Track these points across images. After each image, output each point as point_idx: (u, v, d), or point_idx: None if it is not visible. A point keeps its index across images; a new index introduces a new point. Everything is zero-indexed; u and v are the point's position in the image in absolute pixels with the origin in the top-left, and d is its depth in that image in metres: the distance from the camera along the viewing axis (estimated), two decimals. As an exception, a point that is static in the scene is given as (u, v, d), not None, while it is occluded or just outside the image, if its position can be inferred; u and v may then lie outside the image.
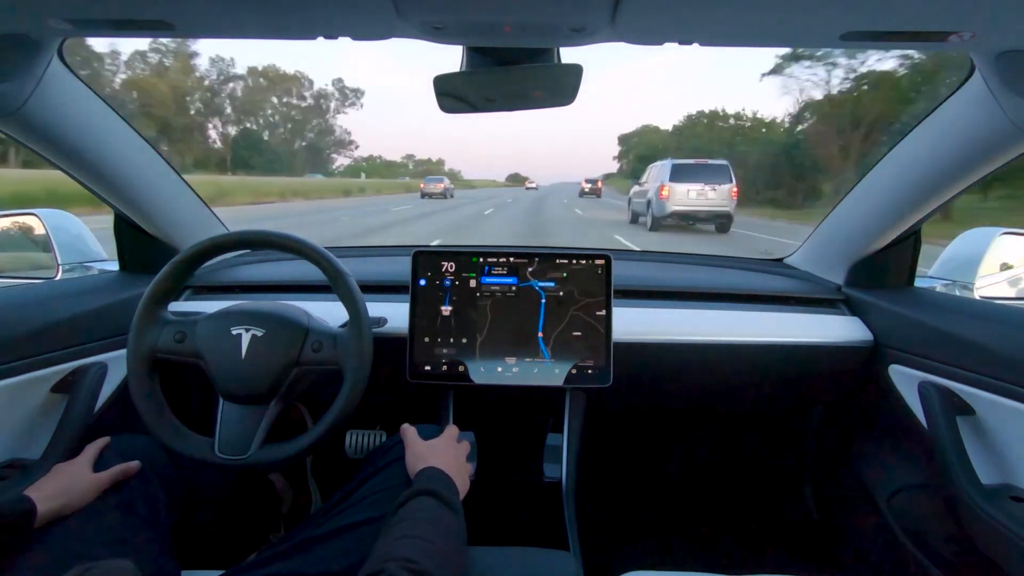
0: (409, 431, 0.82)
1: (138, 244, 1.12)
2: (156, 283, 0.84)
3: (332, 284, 0.85)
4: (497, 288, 1.02)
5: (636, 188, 13.22)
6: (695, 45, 0.64)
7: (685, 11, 0.56)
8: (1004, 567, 0.77)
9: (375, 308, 0.96)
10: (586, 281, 1.01)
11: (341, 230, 10.79)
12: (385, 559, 0.54)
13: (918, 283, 1.12)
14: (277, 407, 0.83)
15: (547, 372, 1.00)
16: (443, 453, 0.78)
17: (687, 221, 10.89)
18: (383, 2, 0.54)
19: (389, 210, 17.30)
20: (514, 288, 1.02)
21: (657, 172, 11.30)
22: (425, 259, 1.02)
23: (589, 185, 31.34)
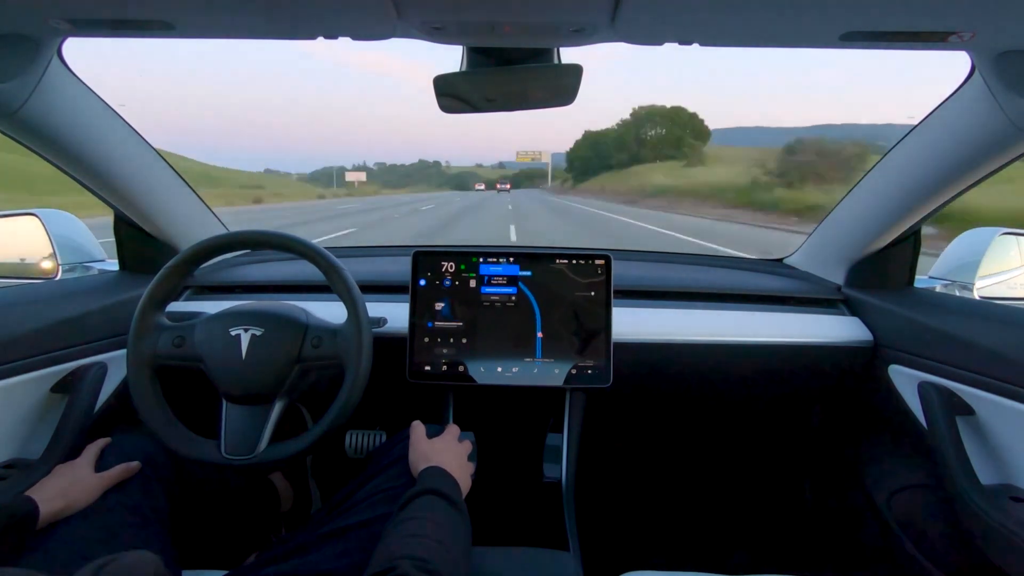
0: (418, 428, 0.83)
1: (138, 244, 1.12)
2: (152, 289, 0.84)
3: (328, 279, 0.85)
4: (496, 288, 1.02)
5: None
6: (695, 45, 0.64)
7: (685, 11, 0.56)
8: (1004, 567, 0.77)
9: (375, 308, 0.96)
10: (586, 281, 1.01)
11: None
12: (396, 557, 0.54)
13: (918, 283, 1.12)
14: (281, 405, 0.83)
15: (547, 372, 1.00)
16: (445, 453, 0.78)
17: None
18: (383, 2, 0.54)
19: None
20: (513, 289, 1.02)
21: None
22: (425, 259, 1.02)
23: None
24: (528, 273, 1.02)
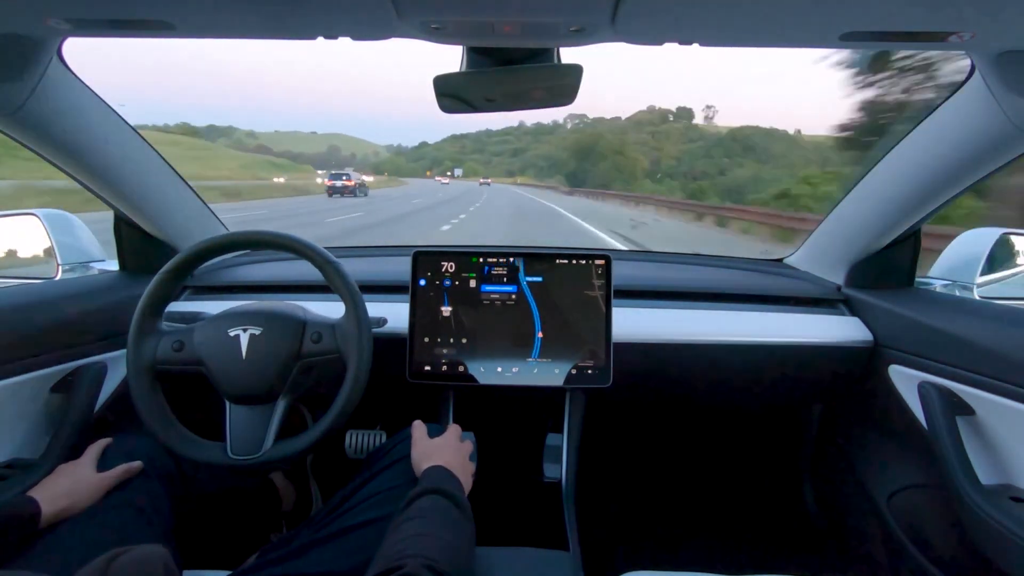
0: (419, 427, 0.83)
1: (138, 244, 1.12)
2: (148, 293, 0.84)
3: (324, 276, 0.85)
4: (496, 288, 1.02)
5: None
6: (695, 45, 0.64)
7: (685, 11, 0.56)
8: (1004, 567, 0.77)
9: (375, 308, 0.96)
10: (586, 281, 1.01)
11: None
12: (403, 555, 0.54)
13: (918, 283, 1.12)
14: (284, 403, 0.84)
15: (547, 372, 1.00)
16: (448, 452, 0.78)
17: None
18: (383, 2, 0.54)
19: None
20: (514, 288, 1.02)
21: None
22: (425, 259, 1.02)
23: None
24: (528, 273, 1.02)
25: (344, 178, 24.91)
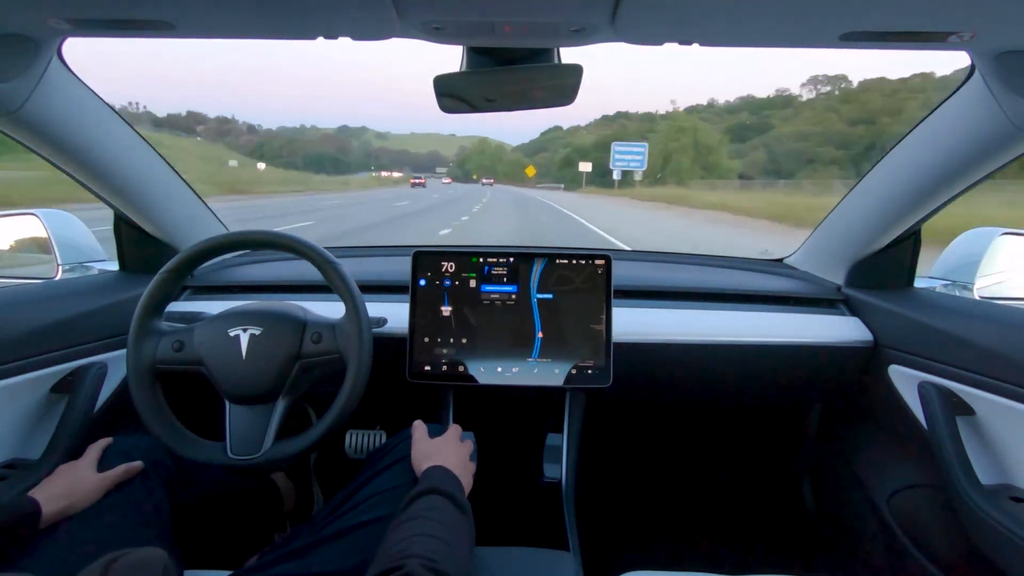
0: (419, 428, 0.83)
1: (138, 244, 1.12)
2: (148, 294, 0.84)
3: (324, 276, 0.85)
4: (496, 288, 1.02)
5: None
6: (695, 45, 0.64)
7: (685, 11, 0.56)
8: (1003, 567, 0.77)
9: (375, 308, 0.97)
10: (586, 281, 1.01)
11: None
12: (403, 555, 0.54)
13: (918, 283, 1.12)
14: (284, 403, 0.84)
15: (547, 372, 1.00)
16: (448, 452, 0.78)
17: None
18: (383, 2, 0.54)
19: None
20: (514, 288, 1.02)
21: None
22: (425, 259, 1.02)
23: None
24: (528, 273, 1.02)
25: (419, 178, 46.52)
